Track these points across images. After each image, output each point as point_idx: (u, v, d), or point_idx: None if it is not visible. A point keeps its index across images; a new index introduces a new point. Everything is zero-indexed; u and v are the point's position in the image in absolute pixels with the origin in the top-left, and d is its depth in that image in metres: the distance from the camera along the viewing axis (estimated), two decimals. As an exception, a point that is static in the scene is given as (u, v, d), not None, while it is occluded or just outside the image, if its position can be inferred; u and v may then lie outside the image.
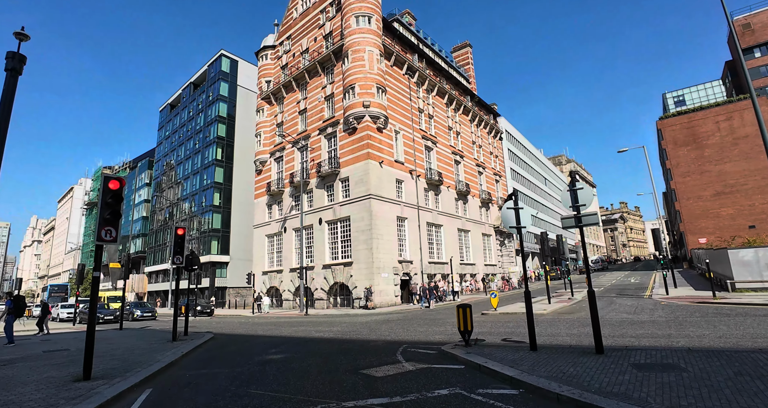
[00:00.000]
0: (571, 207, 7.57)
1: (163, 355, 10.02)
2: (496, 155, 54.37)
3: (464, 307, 8.60)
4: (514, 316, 16.15)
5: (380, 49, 33.91)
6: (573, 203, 7.51)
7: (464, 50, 61.82)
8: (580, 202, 7.49)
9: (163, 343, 12.61)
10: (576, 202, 7.49)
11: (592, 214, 7.43)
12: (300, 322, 19.62)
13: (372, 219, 29.91)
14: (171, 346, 11.78)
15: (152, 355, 10.09)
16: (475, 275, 41.47)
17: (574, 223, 7.55)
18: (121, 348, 11.74)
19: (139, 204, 69.73)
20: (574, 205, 7.51)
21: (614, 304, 18.18)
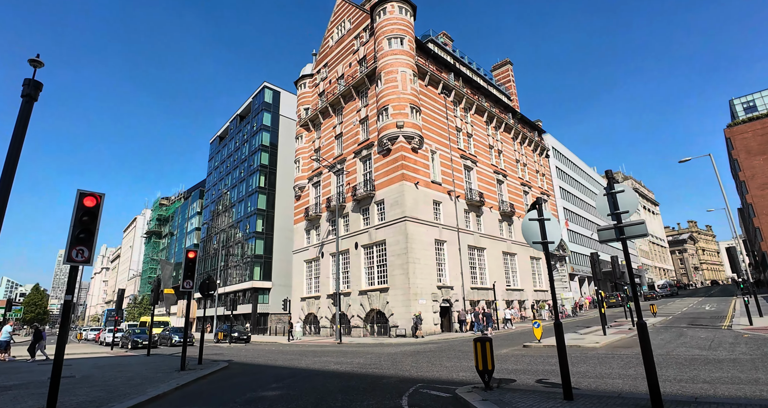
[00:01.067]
0: (610, 215, 6.05)
1: (156, 387, 9.25)
2: (542, 174, 51.57)
3: (482, 341, 7.11)
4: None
5: (413, 69, 33.48)
6: (612, 210, 5.99)
7: (504, 68, 60.45)
8: (621, 209, 5.96)
9: (169, 372, 11.92)
10: (615, 209, 5.96)
11: (638, 223, 5.86)
12: (326, 352, 18.45)
13: (408, 242, 28.61)
14: (175, 376, 11.04)
15: (145, 386, 9.35)
16: (523, 302, 38.48)
17: (615, 235, 6.00)
18: (123, 377, 11.16)
19: (191, 232, 72.77)
20: (614, 213, 5.98)
21: (684, 337, 15.48)
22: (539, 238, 6.53)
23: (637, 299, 5.82)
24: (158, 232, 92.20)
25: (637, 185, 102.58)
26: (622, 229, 5.87)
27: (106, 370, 13.02)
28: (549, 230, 6.58)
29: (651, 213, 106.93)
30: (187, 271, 12.67)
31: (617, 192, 6.03)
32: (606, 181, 6.25)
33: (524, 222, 6.76)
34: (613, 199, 6.01)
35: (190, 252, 12.80)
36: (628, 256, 5.78)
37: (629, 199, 5.98)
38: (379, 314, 30.05)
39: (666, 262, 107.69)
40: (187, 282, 12.61)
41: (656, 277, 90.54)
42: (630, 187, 6.04)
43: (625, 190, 6.03)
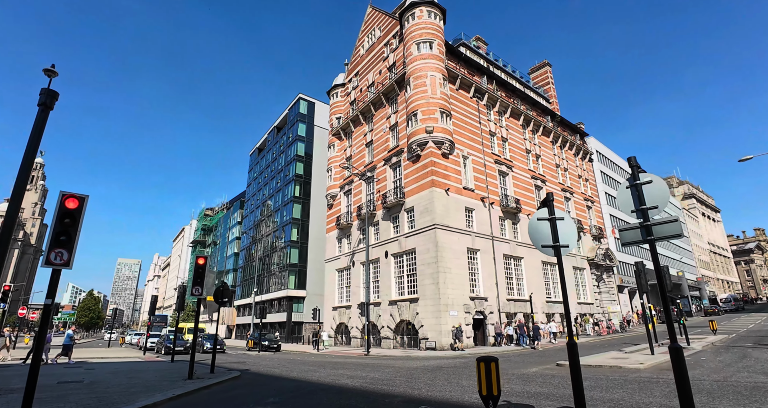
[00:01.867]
0: (635, 212, 5.01)
1: (151, 396, 8.93)
2: (585, 179, 48.77)
3: (487, 361, 6.15)
4: (598, 370, 12.58)
5: (443, 73, 32.68)
6: (637, 206, 4.96)
7: (543, 70, 58.24)
8: (648, 204, 4.92)
9: (175, 380, 11.64)
10: (641, 204, 4.92)
11: (669, 221, 4.79)
12: (347, 364, 17.74)
13: (438, 251, 27.55)
14: (179, 385, 10.73)
15: (141, 395, 9.04)
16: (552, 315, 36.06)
17: (641, 235, 4.94)
18: (127, 384, 10.98)
19: (233, 241, 74.90)
20: (639, 209, 4.94)
21: (748, 359, 13.50)
22: (549, 240, 5.55)
23: (669, 315, 4.71)
24: (203, 242, 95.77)
25: (694, 190, 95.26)
26: (649, 229, 4.82)
27: (118, 376, 12.99)
28: (562, 231, 5.58)
29: (711, 220, 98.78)
30: (197, 278, 12.47)
31: (643, 183, 4.99)
32: (630, 170, 5.20)
33: (531, 222, 5.79)
34: (638, 191, 4.97)
35: (199, 258, 12.60)
36: (657, 260, 4.73)
37: (658, 191, 4.93)
38: (409, 325, 29.03)
39: (730, 273, 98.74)
40: (196, 288, 12.39)
41: (719, 291, 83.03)
42: (659, 178, 4.98)
43: (653, 181, 4.98)
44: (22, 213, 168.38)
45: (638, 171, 5.06)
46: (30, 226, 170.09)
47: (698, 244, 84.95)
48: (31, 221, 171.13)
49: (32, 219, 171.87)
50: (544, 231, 5.64)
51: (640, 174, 5.04)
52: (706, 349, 17.67)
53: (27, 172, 6.93)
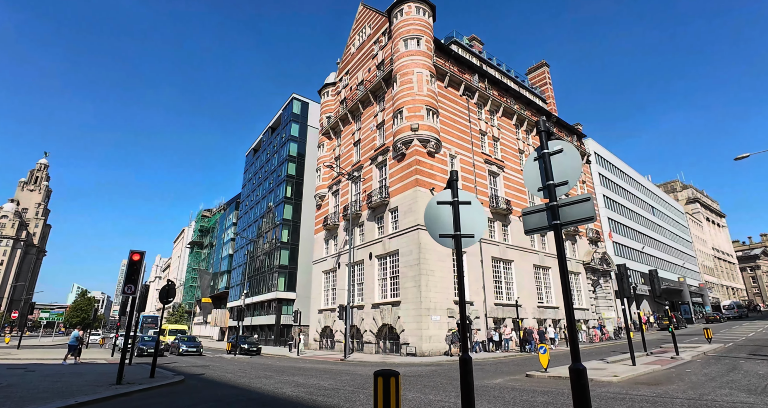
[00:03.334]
0: (541, 189, 4.01)
1: (50, 402, 7.95)
2: (583, 181, 47.50)
3: (386, 376, 5.12)
4: (565, 382, 11.46)
5: (431, 70, 31.74)
6: (544, 181, 3.95)
7: (541, 70, 57.10)
8: (555, 179, 3.91)
9: (98, 386, 10.65)
10: (549, 179, 3.92)
11: (581, 200, 3.78)
12: (311, 370, 16.68)
13: (420, 252, 26.49)
14: (99, 391, 9.75)
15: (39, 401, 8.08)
16: (558, 321, 34.78)
17: (547, 219, 3.93)
18: (45, 388, 10.01)
19: (227, 243, 74.18)
20: (546, 185, 3.93)
21: (737, 372, 12.33)
22: (450, 229, 4.53)
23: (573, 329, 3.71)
24: (200, 243, 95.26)
25: (698, 195, 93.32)
26: (555, 211, 3.80)
27: (46, 380, 12.02)
28: (467, 218, 4.56)
29: (716, 225, 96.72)
30: (131, 275, 11.51)
31: (552, 152, 3.98)
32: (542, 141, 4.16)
33: (429, 207, 4.76)
34: (546, 163, 3.95)
35: (134, 254, 11.65)
36: (562, 249, 3.71)
37: (570, 162, 3.93)
38: (391, 330, 27.95)
39: (735, 280, 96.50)
40: (129, 286, 11.42)
41: (723, 297, 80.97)
42: (571, 146, 3.98)
43: (564, 150, 3.97)
44: (25, 213, 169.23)
45: (548, 138, 4.05)
46: (33, 226, 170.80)
47: (702, 249, 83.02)
48: (34, 222, 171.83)
49: (35, 219, 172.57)
50: (445, 217, 4.62)
51: (549, 141, 4.03)
52: (695, 360, 16.46)
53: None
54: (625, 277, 15.18)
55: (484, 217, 4.73)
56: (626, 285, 15.06)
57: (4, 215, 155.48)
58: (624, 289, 15.14)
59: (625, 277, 15.17)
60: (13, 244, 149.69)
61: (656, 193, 72.71)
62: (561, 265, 3.75)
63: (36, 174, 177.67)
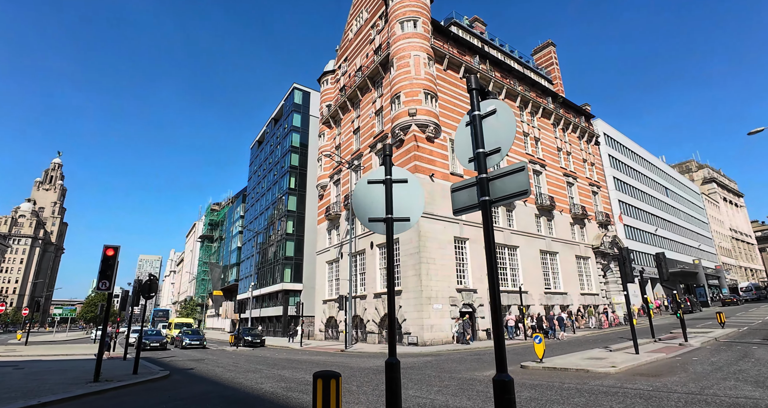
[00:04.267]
0: (472, 160, 3.35)
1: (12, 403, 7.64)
2: (591, 163, 46.12)
3: (326, 377, 4.56)
4: (560, 374, 10.84)
5: (429, 52, 30.71)
6: (475, 148, 3.29)
7: (546, 50, 55.30)
8: (487, 147, 3.26)
9: (72, 384, 10.35)
10: (479, 147, 3.25)
11: (514, 171, 3.13)
12: (305, 362, 16.32)
13: (420, 240, 25.90)
14: (72, 389, 9.45)
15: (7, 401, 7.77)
16: (567, 307, 34.00)
17: (477, 194, 3.28)
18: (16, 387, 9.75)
19: (235, 235, 74.50)
20: (476, 154, 3.28)
21: (747, 360, 11.55)
22: (382, 212, 3.90)
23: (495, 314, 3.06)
24: (210, 237, 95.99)
25: (715, 174, 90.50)
26: (485, 185, 3.15)
27: (26, 378, 11.81)
28: (402, 200, 3.92)
29: (733, 205, 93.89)
30: (105, 270, 11.13)
31: (485, 115, 3.31)
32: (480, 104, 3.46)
33: (359, 187, 4.12)
34: (477, 129, 3.29)
35: (108, 249, 11.26)
36: (490, 229, 3.08)
37: (503, 126, 3.25)
38: (394, 320, 27.51)
39: (754, 261, 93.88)
40: (103, 282, 11.05)
41: (741, 279, 78.86)
42: (504, 105, 3.30)
43: (497, 112, 3.29)
44: (42, 212, 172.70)
45: (482, 96, 3.36)
46: (50, 224, 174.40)
47: (719, 230, 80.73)
48: (51, 220, 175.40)
49: (52, 218, 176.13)
50: (376, 198, 3.99)
51: (481, 102, 3.35)
52: (704, 347, 15.67)
53: None
54: (628, 260, 14.39)
55: (422, 198, 4.08)
56: (629, 269, 14.27)
57: (21, 215, 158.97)
58: (626, 273, 14.36)
59: (627, 261, 14.37)
60: (32, 242, 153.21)
61: (670, 173, 70.57)
62: (488, 246, 3.11)
63: (51, 173, 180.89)
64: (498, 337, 2.84)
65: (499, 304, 2.96)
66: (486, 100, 3.35)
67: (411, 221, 3.93)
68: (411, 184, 4.02)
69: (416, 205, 3.98)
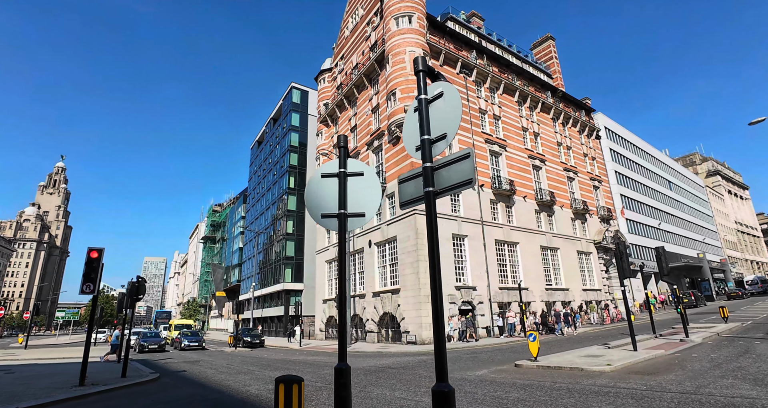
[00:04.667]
0: (419, 148, 3.09)
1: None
2: (592, 157, 45.63)
3: (288, 383, 4.33)
4: (553, 373, 10.56)
5: (424, 48, 30.38)
6: (421, 134, 3.02)
7: (546, 44, 54.77)
8: (432, 133, 3.00)
9: (57, 389, 10.17)
10: (425, 133, 2.99)
11: (460, 158, 2.86)
12: (299, 363, 16.11)
13: (418, 238, 25.62)
14: (54, 394, 9.28)
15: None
16: (569, 303, 33.65)
17: (423, 185, 3.01)
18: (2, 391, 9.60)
19: (237, 236, 74.51)
20: (422, 141, 3.01)
21: (748, 356, 11.23)
22: (334, 207, 3.65)
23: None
24: (213, 238, 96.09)
25: (719, 167, 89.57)
26: (430, 175, 2.88)
27: (13, 382, 11.66)
28: (357, 194, 3.67)
29: (738, 198, 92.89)
30: (89, 272, 10.94)
31: (432, 99, 3.05)
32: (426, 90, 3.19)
33: (312, 181, 3.86)
34: (423, 115, 3.03)
35: (92, 251, 11.07)
36: (433, 220, 2.81)
37: (449, 110, 2.99)
38: (393, 318, 27.30)
39: (760, 253, 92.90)
40: (87, 285, 10.86)
41: (747, 272, 78.06)
42: (452, 87, 3.04)
43: (444, 94, 3.03)
44: (46, 216, 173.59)
45: (432, 78, 3.10)
46: (54, 228, 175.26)
47: (723, 223, 79.90)
48: (55, 224, 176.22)
49: (56, 221, 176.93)
50: (330, 193, 3.73)
51: (428, 86, 3.09)
52: (706, 342, 15.34)
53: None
54: (625, 255, 14.07)
55: (379, 192, 3.82)
56: (626, 264, 13.96)
57: (26, 219, 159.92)
58: (624, 269, 14.04)
59: (624, 256, 14.05)
60: (37, 246, 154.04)
61: (673, 166, 69.86)
62: (431, 239, 2.84)
63: (54, 177, 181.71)
64: (439, 342, 2.58)
65: (440, 303, 2.68)
66: (436, 82, 3.09)
67: (366, 217, 3.68)
68: (368, 177, 3.76)
69: (372, 199, 3.73)
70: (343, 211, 3.57)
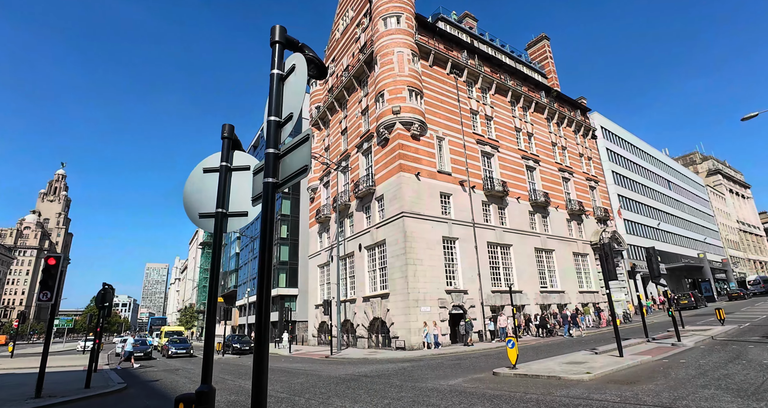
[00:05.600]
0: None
1: None
2: (588, 157, 45.07)
3: (187, 402, 3.83)
4: (530, 382, 10.01)
5: (413, 48, 30.01)
6: (270, 113, 2.55)
7: (540, 44, 54.36)
8: (284, 111, 2.53)
9: (11, 401, 9.71)
10: (275, 114, 2.52)
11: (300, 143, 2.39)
12: (278, 371, 15.62)
13: (406, 241, 25.10)
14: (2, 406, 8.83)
15: None
16: (565, 305, 32.99)
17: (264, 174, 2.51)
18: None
19: (234, 242, 74.07)
20: (270, 122, 2.54)
21: (737, 362, 10.65)
22: (211, 206, 3.17)
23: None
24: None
25: (719, 166, 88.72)
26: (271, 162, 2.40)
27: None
28: (241, 191, 3.19)
29: (740, 197, 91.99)
30: (47, 280, 10.49)
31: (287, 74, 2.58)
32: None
33: (192, 178, 3.36)
34: (276, 94, 2.55)
35: (50, 258, 10.64)
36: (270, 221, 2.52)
37: (294, 87, 2.53)
38: (383, 324, 26.74)
39: (763, 253, 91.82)
40: (44, 293, 10.41)
41: (750, 272, 77.05)
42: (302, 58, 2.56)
43: (295, 68, 2.56)
44: (47, 223, 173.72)
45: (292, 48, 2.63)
46: (55, 235, 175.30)
47: (725, 222, 79.00)
48: (56, 231, 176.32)
49: (57, 229, 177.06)
50: (210, 190, 3.25)
51: (286, 60, 2.62)
52: (698, 346, 14.75)
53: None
54: (610, 257, 13.55)
55: (247, 187, 3.32)
56: (611, 266, 13.44)
57: (26, 226, 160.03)
58: (609, 270, 13.50)
59: (609, 257, 13.52)
60: (37, 254, 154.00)
61: (672, 166, 69.17)
62: (264, 243, 2.36)
63: (55, 184, 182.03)
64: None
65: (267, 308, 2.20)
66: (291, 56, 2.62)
67: (249, 216, 3.20)
68: (241, 176, 3.27)
69: (237, 199, 3.24)
70: (221, 209, 3.09)
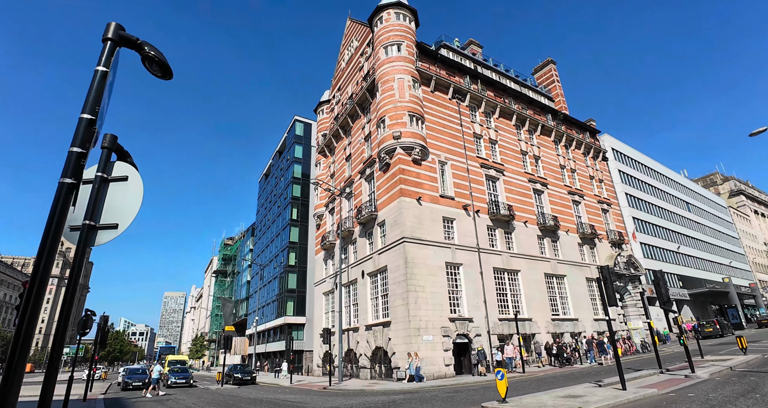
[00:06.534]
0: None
1: None
2: (599, 179, 44.11)
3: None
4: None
5: (414, 75, 30.38)
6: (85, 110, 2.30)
7: (547, 69, 54.57)
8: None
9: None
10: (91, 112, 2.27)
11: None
12: (268, 403, 14.93)
13: (407, 267, 24.52)
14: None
15: None
16: (578, 334, 31.46)
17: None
18: None
19: (246, 269, 74.14)
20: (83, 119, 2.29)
21: (748, 397, 9.71)
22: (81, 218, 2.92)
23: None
24: (224, 271, 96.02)
25: (742, 186, 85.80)
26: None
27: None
28: (114, 202, 2.95)
29: (762, 217, 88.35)
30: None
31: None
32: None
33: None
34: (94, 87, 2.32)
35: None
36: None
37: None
38: (385, 353, 25.81)
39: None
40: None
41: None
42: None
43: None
44: (68, 252, 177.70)
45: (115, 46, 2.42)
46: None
47: (751, 245, 75.59)
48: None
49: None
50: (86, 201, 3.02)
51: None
52: (713, 378, 13.63)
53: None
54: (609, 281, 12.75)
55: (139, 199, 3.08)
56: (610, 291, 12.63)
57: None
58: (609, 295, 12.70)
59: (608, 282, 12.74)
60: (58, 282, 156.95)
61: (691, 187, 67.19)
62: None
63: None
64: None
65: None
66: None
67: (119, 228, 2.95)
68: (131, 183, 3.04)
69: (130, 207, 2.99)
70: (87, 222, 2.84)
